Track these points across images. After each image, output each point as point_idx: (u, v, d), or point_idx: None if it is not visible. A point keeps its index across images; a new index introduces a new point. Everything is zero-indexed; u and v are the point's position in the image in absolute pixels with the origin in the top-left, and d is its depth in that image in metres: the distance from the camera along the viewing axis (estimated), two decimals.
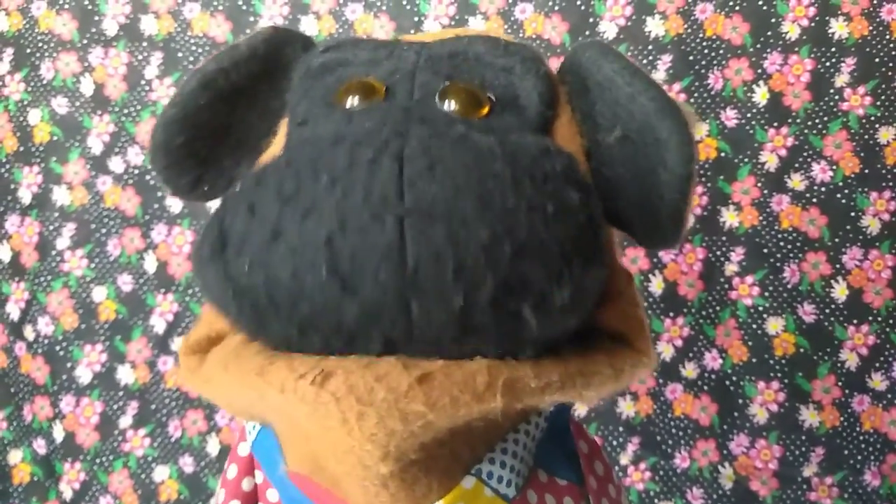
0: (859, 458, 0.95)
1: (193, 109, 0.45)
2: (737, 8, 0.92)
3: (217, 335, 0.42)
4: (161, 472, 1.00)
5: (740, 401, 0.96)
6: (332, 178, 0.32)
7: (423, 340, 0.33)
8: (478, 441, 0.40)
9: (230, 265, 0.34)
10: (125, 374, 1.00)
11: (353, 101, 0.41)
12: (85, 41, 0.99)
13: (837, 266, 0.93)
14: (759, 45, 0.92)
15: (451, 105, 0.41)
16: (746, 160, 0.94)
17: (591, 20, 0.94)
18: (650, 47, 0.93)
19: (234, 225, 0.35)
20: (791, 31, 0.91)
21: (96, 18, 0.99)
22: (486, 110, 0.41)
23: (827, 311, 0.94)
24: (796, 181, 0.93)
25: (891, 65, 0.90)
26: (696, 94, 0.93)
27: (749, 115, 0.93)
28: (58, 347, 1.00)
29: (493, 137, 0.35)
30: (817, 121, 0.92)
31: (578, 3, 0.94)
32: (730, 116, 0.93)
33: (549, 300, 0.33)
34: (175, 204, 0.99)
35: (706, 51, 0.93)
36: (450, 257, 0.31)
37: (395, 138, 0.34)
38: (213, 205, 0.99)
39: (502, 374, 0.34)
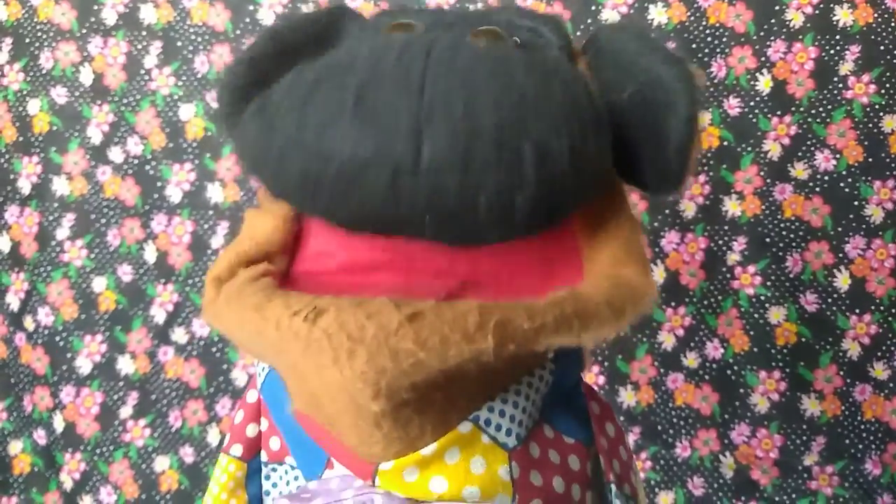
0: (860, 447, 0.92)
1: (261, 56, 0.48)
2: None
3: (237, 258, 0.43)
4: (161, 463, 0.97)
5: (741, 390, 0.93)
6: (372, 52, 0.37)
7: (430, 166, 0.34)
8: (475, 388, 0.39)
9: (271, 112, 0.38)
10: (125, 365, 0.97)
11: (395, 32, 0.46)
12: (84, 31, 0.96)
13: (840, 255, 0.90)
14: (762, 33, 0.89)
15: (479, 43, 0.43)
16: (749, 149, 0.90)
17: (593, 8, 0.91)
18: (653, 35, 0.90)
19: (281, 85, 0.39)
20: (795, 18, 0.88)
21: (95, 8, 0.96)
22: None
23: (829, 300, 0.91)
24: (799, 170, 0.90)
25: (895, 53, 0.87)
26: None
27: (752, 103, 0.90)
28: (58, 338, 0.97)
29: (515, 51, 0.41)
30: (821, 109, 0.89)
31: None
32: (733, 105, 0.90)
33: (548, 147, 0.35)
34: (175, 194, 0.96)
35: (709, 38, 0.90)
36: (460, 97, 0.35)
37: (426, 43, 0.38)
38: (213, 196, 0.96)
39: (494, 315, 0.35)
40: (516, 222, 0.36)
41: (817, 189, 0.90)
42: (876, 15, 0.87)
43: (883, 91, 0.88)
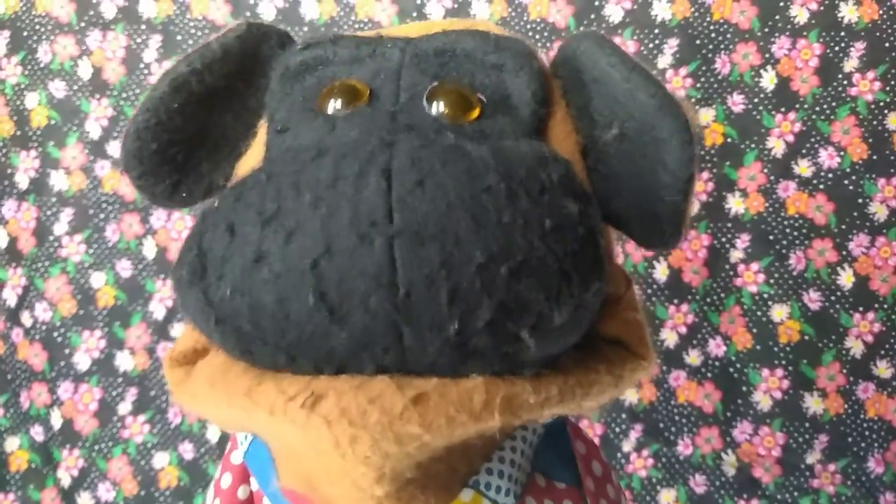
0: (863, 445, 0.91)
1: (166, 114, 0.40)
2: None
3: (203, 347, 0.38)
4: (161, 459, 0.96)
5: (744, 388, 0.92)
6: (316, 195, 0.29)
7: (417, 367, 0.30)
8: (474, 454, 0.37)
9: (211, 290, 0.31)
10: (124, 361, 0.95)
11: (335, 106, 0.37)
12: (83, 24, 0.94)
13: (844, 253, 0.89)
14: (766, 30, 0.87)
15: (439, 108, 0.37)
16: (753, 146, 0.89)
17: (596, 3, 0.89)
18: (656, 31, 0.88)
19: (213, 246, 0.31)
20: (800, 15, 0.87)
21: (94, 1, 0.94)
22: (476, 112, 0.37)
23: (832, 298, 0.90)
24: (803, 167, 0.89)
25: None
26: (702, 79, 0.88)
27: (756, 100, 0.88)
28: (56, 334, 0.95)
29: (486, 146, 0.31)
30: (825, 106, 0.87)
31: None
32: (737, 101, 0.89)
33: (549, 321, 0.30)
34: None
35: (713, 35, 0.88)
36: (443, 281, 0.28)
37: (382, 150, 0.30)
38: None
39: (500, 392, 0.31)
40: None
41: (821, 186, 0.88)
42: (881, 12, 0.85)
43: (888, 88, 0.86)
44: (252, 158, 0.41)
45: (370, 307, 0.28)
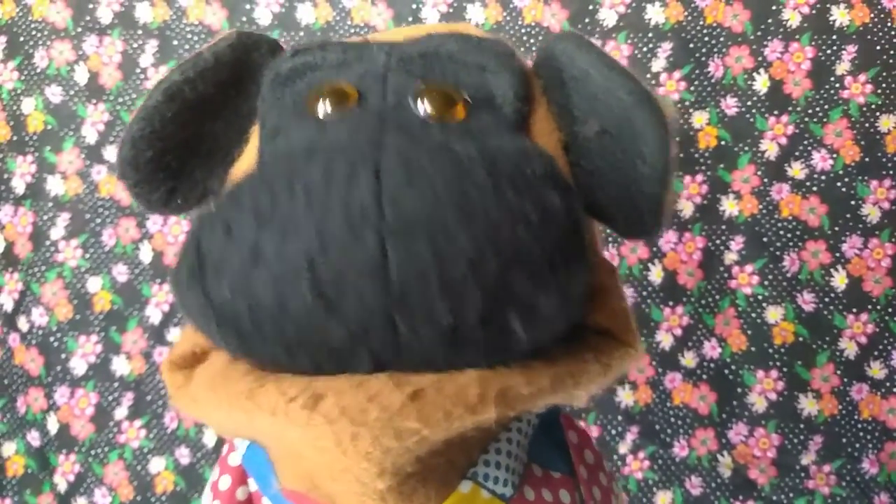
0: (857, 446, 0.90)
1: (160, 123, 0.40)
2: None
3: (202, 351, 0.38)
4: (157, 464, 0.94)
5: (739, 389, 0.91)
6: (309, 195, 0.30)
7: (412, 357, 0.31)
8: (472, 446, 0.38)
9: (210, 289, 0.31)
10: (120, 366, 0.94)
11: (325, 108, 0.38)
12: (79, 29, 0.93)
13: (837, 255, 0.88)
14: (759, 33, 0.87)
15: (425, 107, 0.37)
16: (746, 148, 0.88)
17: (590, 7, 0.88)
18: (650, 35, 0.87)
19: (211, 247, 0.31)
20: (792, 18, 0.86)
21: (90, 6, 0.93)
22: (461, 111, 0.38)
23: (826, 299, 0.89)
24: (796, 170, 0.88)
25: (892, 52, 0.85)
26: (696, 82, 0.88)
27: (749, 103, 0.87)
28: (52, 338, 0.94)
29: (472, 143, 0.32)
30: (818, 109, 0.87)
31: None
32: (730, 104, 0.88)
33: (537, 310, 0.31)
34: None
35: (706, 38, 0.87)
36: (435, 274, 0.29)
37: (372, 150, 0.30)
38: None
39: (494, 385, 0.32)
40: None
41: (814, 189, 0.88)
42: (872, 15, 0.85)
43: (879, 91, 0.85)
44: (245, 163, 0.41)
45: (366, 301, 0.29)
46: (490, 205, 0.30)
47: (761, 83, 0.87)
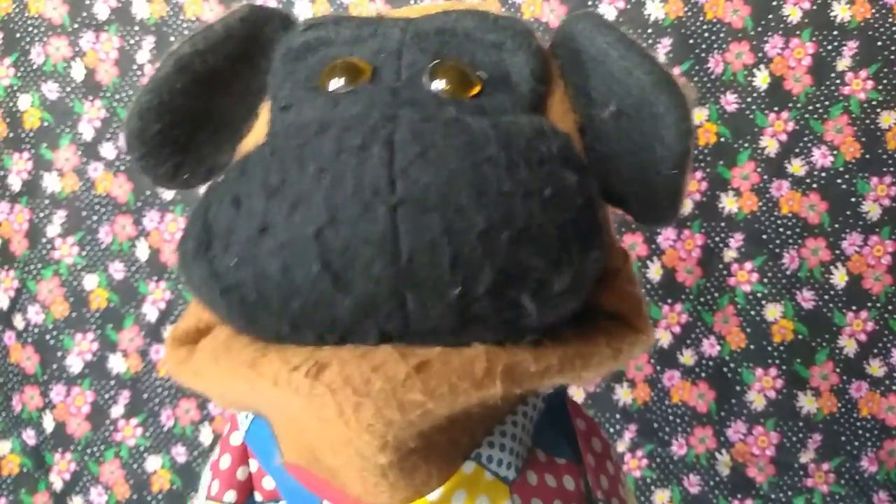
0: (856, 444, 0.88)
1: (169, 95, 0.40)
2: None
3: (206, 326, 0.38)
4: (153, 462, 0.92)
5: (738, 387, 0.89)
6: (320, 167, 0.29)
7: (420, 332, 0.30)
8: (476, 426, 0.37)
9: (216, 261, 0.31)
10: (117, 363, 0.92)
11: (337, 84, 0.37)
12: (76, 25, 0.91)
13: (837, 252, 0.86)
14: (759, 29, 0.85)
15: (440, 85, 0.36)
16: (746, 145, 0.86)
17: (589, 3, 0.86)
18: (650, 30, 0.86)
19: (219, 219, 0.31)
20: (792, 14, 0.84)
21: (87, 2, 0.91)
22: (477, 89, 0.37)
23: (826, 297, 0.87)
24: (796, 166, 0.86)
25: (893, 48, 0.83)
26: (696, 78, 0.86)
27: (749, 99, 0.86)
28: (48, 336, 0.92)
29: (486, 119, 0.32)
30: (818, 105, 0.85)
31: None
32: (730, 101, 0.86)
33: (549, 287, 0.30)
34: (167, 191, 0.91)
35: (706, 34, 0.85)
36: (445, 247, 0.28)
37: (384, 123, 0.30)
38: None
39: (501, 360, 0.31)
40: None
41: (814, 185, 0.86)
42: (874, 10, 0.83)
43: (880, 87, 0.84)
44: (255, 138, 0.40)
45: (374, 273, 0.28)
46: (503, 180, 0.29)
47: (761, 79, 0.85)
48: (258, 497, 0.42)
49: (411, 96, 0.36)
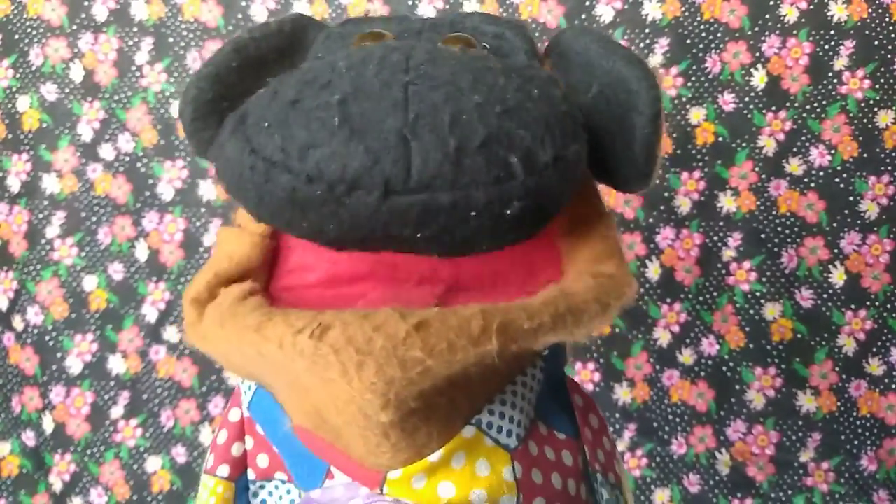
0: (856, 443, 0.88)
1: (225, 69, 0.45)
2: None
3: (215, 283, 0.41)
4: (153, 463, 0.92)
5: (737, 387, 0.89)
6: (349, 66, 0.35)
7: (421, 184, 0.32)
8: (476, 391, 0.39)
9: (250, 130, 0.35)
10: (116, 364, 0.92)
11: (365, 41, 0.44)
12: (74, 27, 0.91)
13: (835, 251, 0.86)
14: (757, 29, 0.84)
15: (455, 51, 0.42)
16: (744, 144, 0.86)
17: (587, 3, 0.86)
18: (647, 30, 0.85)
19: (257, 103, 0.36)
20: (790, 13, 0.84)
21: (86, 4, 0.91)
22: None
23: (825, 296, 0.87)
24: (794, 166, 0.86)
25: (890, 48, 0.83)
26: (693, 78, 0.86)
27: (747, 98, 0.85)
28: (47, 337, 0.91)
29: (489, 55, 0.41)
30: (816, 105, 0.84)
31: None
32: (727, 100, 0.86)
33: (534, 156, 0.34)
34: (166, 192, 0.91)
35: (704, 34, 0.85)
36: (446, 110, 0.33)
37: (403, 49, 0.36)
38: (205, 193, 0.90)
39: (496, 318, 0.34)
40: (507, 233, 0.36)
41: (812, 185, 0.86)
42: (870, 10, 0.82)
43: (877, 86, 0.83)
44: None
45: (385, 126, 0.32)
46: (498, 76, 0.35)
47: (759, 79, 0.85)
48: (251, 475, 0.44)
49: (427, 46, 0.40)
